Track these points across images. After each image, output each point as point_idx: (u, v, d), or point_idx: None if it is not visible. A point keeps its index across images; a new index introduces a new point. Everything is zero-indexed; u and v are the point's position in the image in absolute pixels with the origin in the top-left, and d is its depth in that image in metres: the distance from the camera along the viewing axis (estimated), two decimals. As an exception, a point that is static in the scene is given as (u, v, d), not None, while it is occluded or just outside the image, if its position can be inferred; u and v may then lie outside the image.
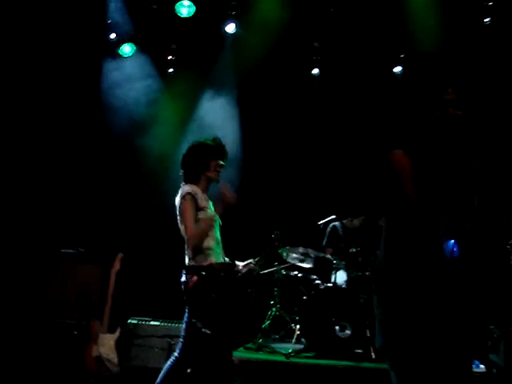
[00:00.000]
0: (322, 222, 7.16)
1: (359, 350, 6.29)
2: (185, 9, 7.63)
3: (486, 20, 7.39)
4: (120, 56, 7.99)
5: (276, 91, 8.23)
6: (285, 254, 7.05)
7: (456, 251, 2.60)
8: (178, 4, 7.63)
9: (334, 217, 7.08)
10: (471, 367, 2.73)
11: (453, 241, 2.60)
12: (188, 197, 4.49)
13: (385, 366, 2.83)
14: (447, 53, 7.13)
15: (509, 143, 7.06)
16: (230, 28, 7.98)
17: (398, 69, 8.31)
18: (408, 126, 2.70)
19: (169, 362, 4.51)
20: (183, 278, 4.41)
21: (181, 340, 4.51)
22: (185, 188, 4.58)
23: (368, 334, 6.27)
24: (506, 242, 5.53)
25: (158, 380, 4.46)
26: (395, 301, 2.65)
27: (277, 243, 6.70)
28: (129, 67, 7.96)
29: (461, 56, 7.15)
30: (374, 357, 6.11)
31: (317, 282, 6.87)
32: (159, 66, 8.24)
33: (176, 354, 4.51)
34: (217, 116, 8.09)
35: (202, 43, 8.13)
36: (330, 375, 5.84)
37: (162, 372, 4.49)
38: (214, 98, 8.19)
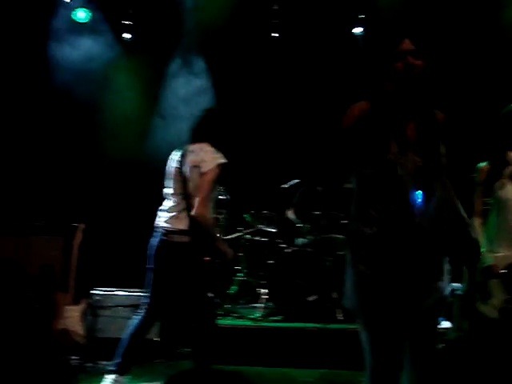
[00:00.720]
0: (285, 185, 7.12)
1: (327, 312, 6.34)
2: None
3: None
4: (75, 21, 7.75)
5: (239, 54, 8.07)
6: (249, 219, 7.04)
7: (422, 202, 2.58)
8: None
9: (297, 181, 7.05)
10: (436, 326, 2.75)
11: (420, 191, 2.58)
12: (220, 168, 4.29)
13: (352, 326, 2.83)
14: (407, 13, 7.07)
15: (468, 96, 7.09)
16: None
17: (358, 30, 8.17)
18: (369, 81, 2.67)
19: (136, 321, 4.42)
20: (179, 239, 4.26)
21: (147, 301, 4.42)
22: (218, 155, 4.33)
23: (335, 296, 6.30)
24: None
25: (125, 338, 4.38)
26: (365, 261, 2.63)
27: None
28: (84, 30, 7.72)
29: (421, 16, 7.10)
30: (341, 318, 6.16)
31: (282, 245, 6.85)
32: (116, 31, 8.02)
33: (142, 313, 4.43)
34: (183, 80, 7.95)
35: (160, 8, 7.92)
36: (298, 338, 5.88)
37: (129, 331, 4.40)
38: (178, 62, 8.03)
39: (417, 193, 2.52)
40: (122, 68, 7.96)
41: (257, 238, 6.99)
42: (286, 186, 7.07)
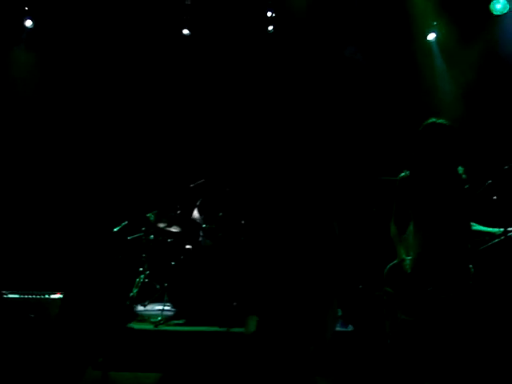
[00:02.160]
0: (192, 184, 6.93)
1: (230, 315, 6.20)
2: None
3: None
4: None
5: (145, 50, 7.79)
6: (153, 218, 6.80)
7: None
8: None
9: (203, 180, 6.87)
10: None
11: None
12: None
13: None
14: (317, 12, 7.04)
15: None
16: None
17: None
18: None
19: None
20: None
21: None
22: None
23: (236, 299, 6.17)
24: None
25: None
26: None
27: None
28: None
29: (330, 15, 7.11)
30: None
31: (187, 246, 6.66)
32: None
33: None
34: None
35: None
36: (200, 341, 5.70)
37: None
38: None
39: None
40: None
41: (160, 238, 6.78)
42: (193, 185, 6.89)
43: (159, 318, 6.05)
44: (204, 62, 7.99)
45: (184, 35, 7.99)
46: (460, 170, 4.08)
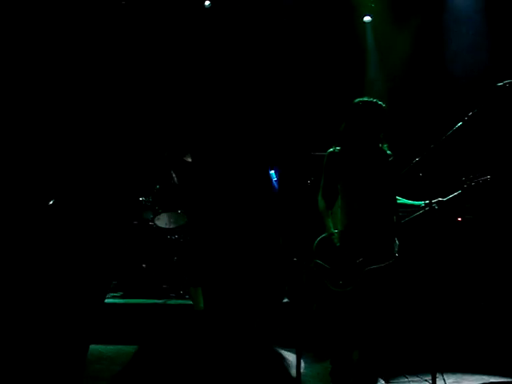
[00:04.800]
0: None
1: (166, 286, 6.30)
2: None
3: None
4: None
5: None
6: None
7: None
8: None
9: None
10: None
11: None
12: None
13: (189, 302, 2.85)
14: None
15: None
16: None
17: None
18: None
19: None
20: None
21: None
22: None
23: (175, 271, 6.27)
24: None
25: None
26: None
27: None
28: None
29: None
30: (181, 293, 6.15)
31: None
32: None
33: None
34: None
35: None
36: (138, 313, 5.78)
37: None
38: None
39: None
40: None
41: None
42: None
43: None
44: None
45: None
46: (385, 146, 4.28)
